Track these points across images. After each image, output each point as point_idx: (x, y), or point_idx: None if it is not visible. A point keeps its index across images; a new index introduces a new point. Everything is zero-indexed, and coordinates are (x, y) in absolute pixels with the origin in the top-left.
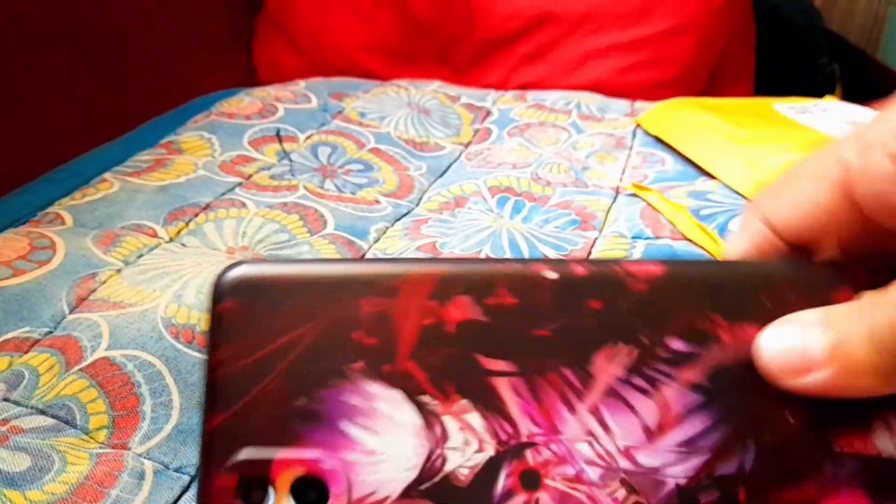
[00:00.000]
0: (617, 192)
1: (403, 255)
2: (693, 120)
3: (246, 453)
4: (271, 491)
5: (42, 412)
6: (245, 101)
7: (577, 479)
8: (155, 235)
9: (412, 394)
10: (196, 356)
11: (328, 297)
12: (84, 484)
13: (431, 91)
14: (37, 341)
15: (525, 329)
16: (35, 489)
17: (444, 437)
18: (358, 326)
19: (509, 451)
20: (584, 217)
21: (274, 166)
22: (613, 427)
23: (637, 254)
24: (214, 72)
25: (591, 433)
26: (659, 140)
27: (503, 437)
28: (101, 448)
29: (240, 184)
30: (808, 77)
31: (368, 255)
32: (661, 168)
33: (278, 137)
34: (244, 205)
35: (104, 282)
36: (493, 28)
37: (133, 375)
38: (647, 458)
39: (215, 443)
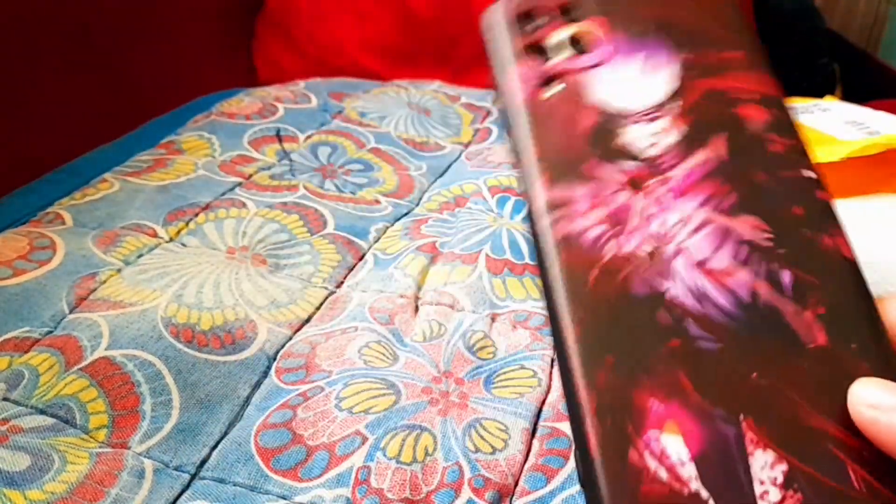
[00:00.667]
0: None
1: (404, 251)
2: None
3: None
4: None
5: (42, 412)
6: (245, 101)
7: None
8: (155, 235)
9: None
10: (196, 355)
11: None
12: (84, 483)
13: (431, 91)
14: (37, 341)
15: None
16: (35, 488)
17: None
18: None
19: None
20: None
21: (274, 166)
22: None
23: None
24: (214, 72)
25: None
26: None
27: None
28: (100, 447)
29: (240, 184)
30: (808, 77)
31: (368, 255)
32: None
33: (278, 137)
34: (244, 205)
35: (104, 281)
36: None
37: (133, 375)
38: None
39: None
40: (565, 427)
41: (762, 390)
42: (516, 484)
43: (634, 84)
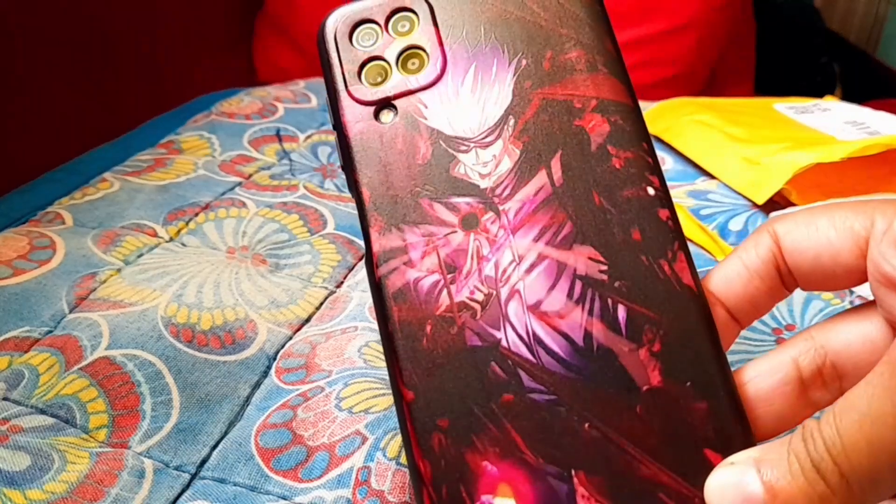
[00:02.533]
0: None
1: None
2: (693, 119)
3: None
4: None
5: (42, 411)
6: (245, 100)
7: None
8: (155, 235)
9: None
10: (196, 355)
11: None
12: (84, 483)
13: None
14: (37, 340)
15: None
16: (35, 488)
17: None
18: None
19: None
20: None
21: (274, 166)
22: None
23: None
24: (214, 72)
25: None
26: (659, 140)
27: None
28: (100, 447)
29: (240, 183)
30: (808, 77)
31: None
32: (661, 168)
33: (278, 137)
34: (244, 204)
35: (104, 281)
36: None
37: (133, 375)
38: None
39: None
40: None
41: (594, 442)
42: None
43: (467, 104)
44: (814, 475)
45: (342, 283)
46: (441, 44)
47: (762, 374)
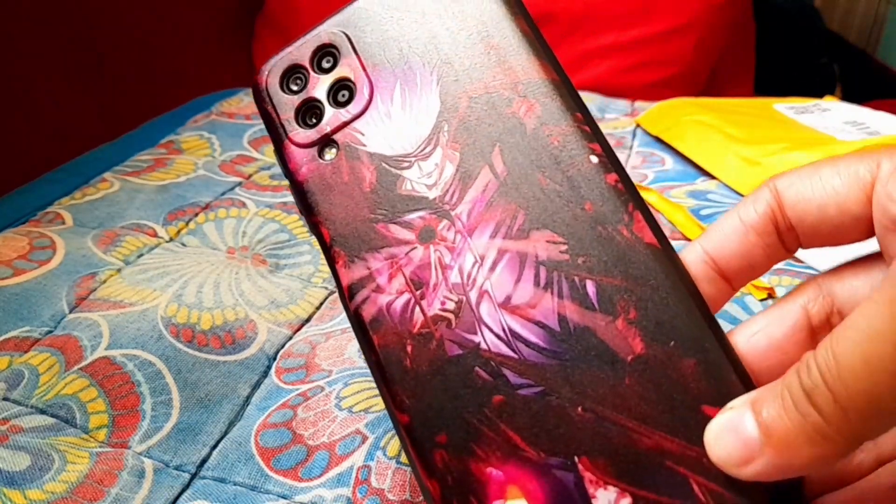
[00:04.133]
0: None
1: None
2: (693, 120)
3: None
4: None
5: (42, 411)
6: (245, 101)
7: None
8: (155, 235)
9: None
10: (196, 355)
11: None
12: (84, 483)
13: None
14: (37, 340)
15: None
16: (35, 488)
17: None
18: None
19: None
20: None
21: (274, 166)
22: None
23: None
24: (214, 72)
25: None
26: (659, 140)
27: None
28: (100, 447)
29: (240, 183)
30: (808, 77)
31: None
32: (661, 168)
33: None
34: (244, 204)
35: (104, 281)
36: None
37: (133, 375)
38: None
39: None
40: None
41: (590, 424)
42: None
43: (400, 122)
44: (806, 406)
45: None
46: (364, 70)
47: (773, 321)
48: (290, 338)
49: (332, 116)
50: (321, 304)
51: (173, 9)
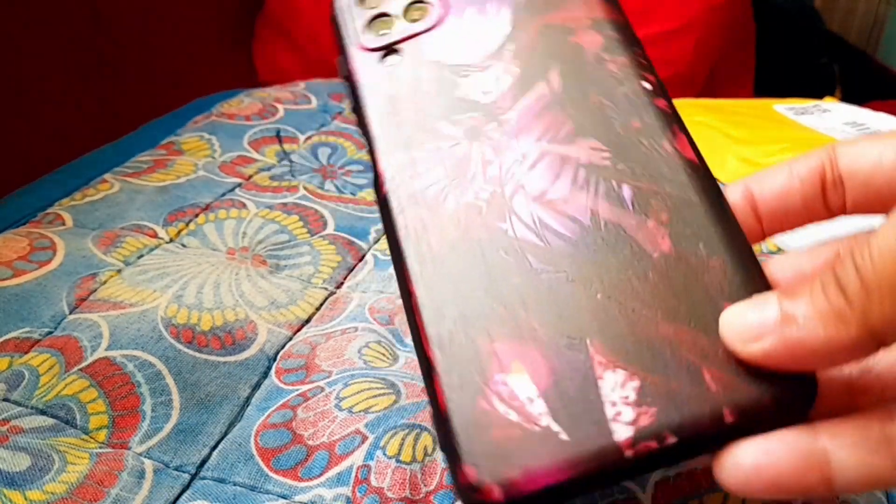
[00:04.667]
0: None
1: None
2: (693, 120)
3: None
4: None
5: (42, 412)
6: (245, 101)
7: None
8: (155, 236)
9: None
10: (196, 356)
11: None
12: (84, 483)
13: None
14: (37, 341)
15: None
16: (35, 489)
17: None
18: None
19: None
20: None
21: (274, 167)
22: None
23: None
24: (214, 72)
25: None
26: None
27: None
28: (100, 447)
29: (240, 184)
30: (808, 77)
31: (368, 256)
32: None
33: (278, 138)
34: (244, 205)
35: (104, 282)
36: None
37: (133, 375)
38: None
39: None
40: None
41: (608, 309)
42: None
43: (467, 38)
44: (833, 288)
45: (342, 283)
46: None
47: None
48: (290, 338)
49: (402, 28)
50: (321, 304)
51: (173, 9)
